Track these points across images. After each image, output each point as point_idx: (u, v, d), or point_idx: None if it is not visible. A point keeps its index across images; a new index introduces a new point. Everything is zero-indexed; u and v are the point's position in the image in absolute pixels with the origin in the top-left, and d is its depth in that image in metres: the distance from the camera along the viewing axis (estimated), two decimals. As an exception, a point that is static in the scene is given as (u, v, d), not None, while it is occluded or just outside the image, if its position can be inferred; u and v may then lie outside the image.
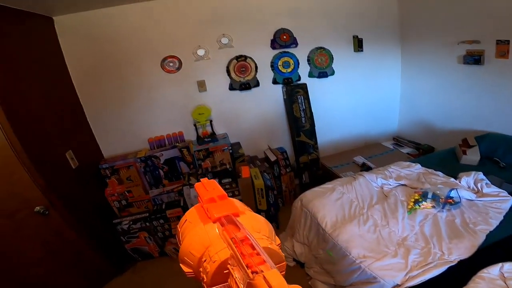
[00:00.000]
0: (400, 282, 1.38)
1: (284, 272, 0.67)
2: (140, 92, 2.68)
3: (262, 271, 0.48)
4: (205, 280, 0.58)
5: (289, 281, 0.46)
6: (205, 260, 0.58)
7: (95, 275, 2.28)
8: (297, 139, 3.03)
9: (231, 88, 2.86)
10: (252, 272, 0.49)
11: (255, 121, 3.06)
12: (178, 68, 2.68)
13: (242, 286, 0.50)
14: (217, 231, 0.60)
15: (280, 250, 0.63)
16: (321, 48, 2.99)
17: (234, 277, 0.52)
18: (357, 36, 3.06)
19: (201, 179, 0.74)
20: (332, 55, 3.05)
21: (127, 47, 2.53)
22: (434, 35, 2.81)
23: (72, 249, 2.09)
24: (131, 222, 2.39)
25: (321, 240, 1.91)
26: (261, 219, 0.70)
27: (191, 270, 0.63)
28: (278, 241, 0.71)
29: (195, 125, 2.83)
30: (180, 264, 0.66)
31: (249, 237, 0.55)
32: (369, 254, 1.57)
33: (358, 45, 3.08)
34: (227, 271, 0.55)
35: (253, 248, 0.53)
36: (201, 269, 0.59)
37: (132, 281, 2.37)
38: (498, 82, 2.34)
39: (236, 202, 0.71)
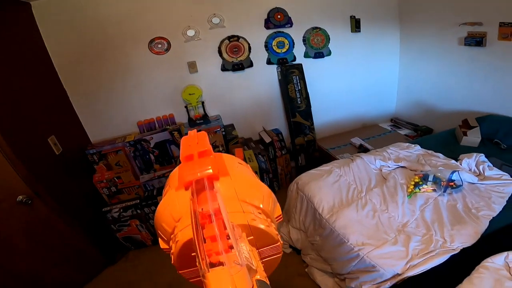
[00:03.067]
0: (401, 271, 1.31)
1: (280, 255, 0.54)
2: (127, 75, 2.53)
3: (222, 264, 0.36)
4: (172, 261, 0.46)
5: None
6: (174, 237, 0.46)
7: (87, 265, 2.21)
8: (293, 120, 2.92)
9: (224, 68, 2.72)
10: (210, 264, 0.36)
11: (249, 102, 2.95)
12: (167, 50, 2.53)
13: (203, 280, 0.37)
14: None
15: (274, 227, 0.49)
16: (317, 28, 2.85)
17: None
18: (355, 17, 2.91)
19: (189, 131, 0.56)
20: (328, 36, 2.91)
21: (113, 29, 2.36)
22: (434, 16, 2.69)
23: (61, 239, 2.01)
24: (121, 210, 2.30)
25: (318, 225, 1.83)
26: (254, 183, 0.54)
27: (168, 247, 0.50)
28: (278, 212, 0.56)
29: (186, 107, 2.70)
30: (158, 239, 0.52)
31: (222, 211, 0.41)
32: (368, 241, 1.49)
33: (356, 25, 2.93)
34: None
35: (225, 227, 0.40)
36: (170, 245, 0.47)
37: (125, 270, 2.31)
38: (500, 64, 2.26)
39: (228, 158, 0.53)
